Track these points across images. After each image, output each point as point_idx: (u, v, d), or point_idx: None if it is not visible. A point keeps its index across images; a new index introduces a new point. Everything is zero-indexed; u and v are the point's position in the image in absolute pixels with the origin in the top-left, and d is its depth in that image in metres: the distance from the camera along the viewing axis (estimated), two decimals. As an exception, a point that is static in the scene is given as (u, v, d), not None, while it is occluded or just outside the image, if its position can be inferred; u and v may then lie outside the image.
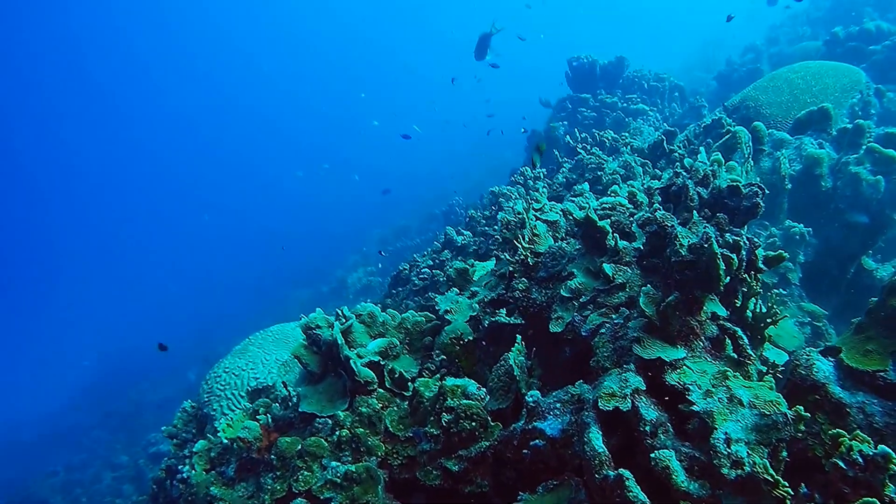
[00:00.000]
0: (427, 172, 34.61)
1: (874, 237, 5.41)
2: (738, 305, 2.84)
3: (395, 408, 3.42)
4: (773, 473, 1.98)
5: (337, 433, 3.22)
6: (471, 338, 3.77)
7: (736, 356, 2.59)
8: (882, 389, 2.74)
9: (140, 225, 54.92)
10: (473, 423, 2.95)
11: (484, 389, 3.16)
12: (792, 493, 1.97)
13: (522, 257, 3.58)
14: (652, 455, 2.15)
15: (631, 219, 3.63)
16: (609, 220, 3.45)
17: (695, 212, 2.84)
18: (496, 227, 8.19)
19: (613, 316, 2.94)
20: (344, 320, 3.73)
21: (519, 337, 3.28)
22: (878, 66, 10.64)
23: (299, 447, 3.25)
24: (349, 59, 63.32)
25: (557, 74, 15.65)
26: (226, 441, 3.52)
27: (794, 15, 21.51)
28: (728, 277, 2.50)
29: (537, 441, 2.73)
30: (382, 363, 3.53)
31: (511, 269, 3.64)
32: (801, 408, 2.15)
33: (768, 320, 2.89)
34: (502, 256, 3.92)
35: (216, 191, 57.92)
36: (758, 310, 2.88)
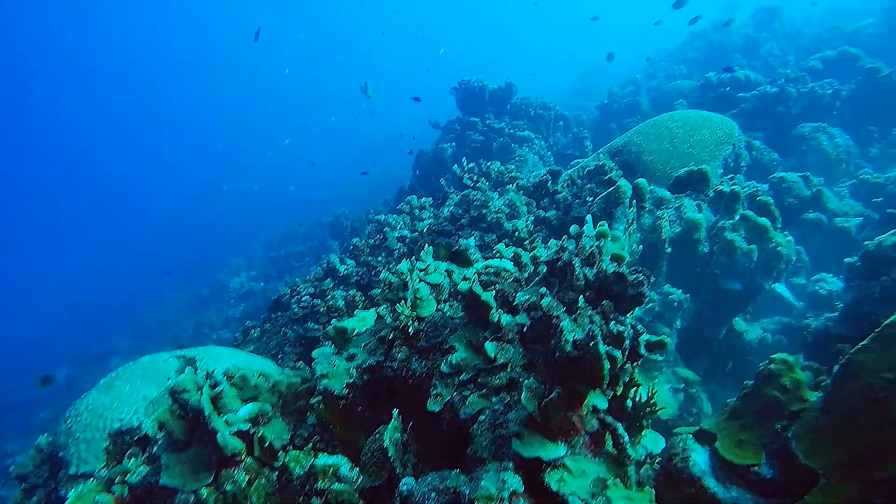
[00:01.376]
0: (321, 180, 34.15)
1: (745, 303, 5.78)
2: (618, 395, 2.88)
3: (264, 480, 3.21)
4: None
5: (197, 515, 2.98)
6: (346, 403, 3.64)
7: (615, 453, 2.61)
8: (756, 485, 2.85)
9: (14, 209, 51.55)
10: (344, 511, 2.82)
11: (357, 469, 3.03)
12: None
13: (403, 324, 3.48)
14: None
15: (516, 286, 3.63)
16: (493, 289, 3.43)
17: (581, 297, 2.85)
18: (380, 259, 8.10)
19: (494, 399, 2.90)
20: (214, 382, 3.48)
21: (396, 412, 3.18)
22: (746, 114, 11.53)
23: (153, 531, 2.98)
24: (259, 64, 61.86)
25: (449, 97, 15.82)
26: (72, 518, 3.18)
27: (671, 53, 23.12)
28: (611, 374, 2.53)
29: (410, 533, 2.64)
30: (252, 431, 3.32)
31: (392, 335, 3.54)
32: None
33: (647, 410, 2.95)
34: (383, 315, 3.82)
35: (104, 181, 55.06)
36: (637, 399, 2.94)
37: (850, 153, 9.91)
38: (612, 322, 2.79)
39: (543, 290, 2.88)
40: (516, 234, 6.68)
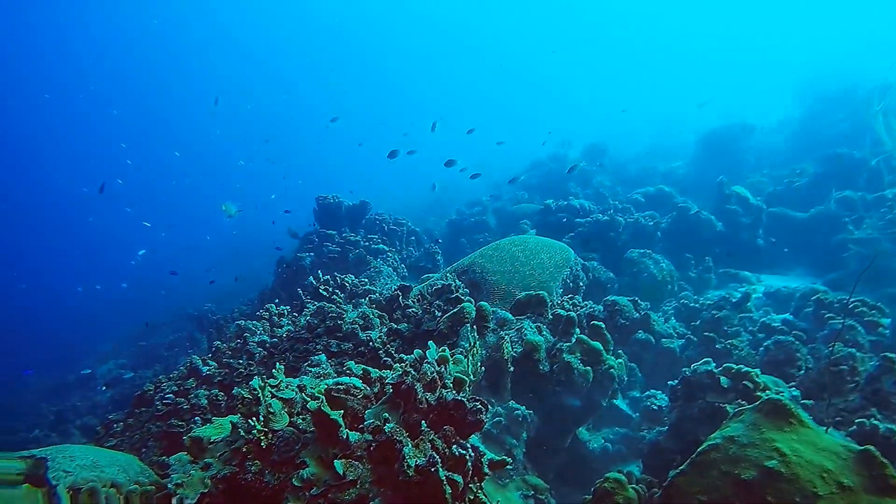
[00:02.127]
0: (186, 279, 33.31)
1: (585, 417, 6.40)
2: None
3: None
4: None
5: None
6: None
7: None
8: None
9: None
10: None
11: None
12: None
13: (255, 438, 3.72)
14: None
15: (366, 403, 3.99)
16: (343, 407, 3.76)
17: (423, 421, 3.25)
18: (241, 361, 8.21)
19: (341, 515, 3.19)
20: (56, 499, 3.50)
21: (249, 526, 3.38)
22: (583, 237, 13.07)
23: None
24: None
25: (307, 209, 16.76)
26: None
27: (514, 178, 25.65)
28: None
29: None
30: (95, 546, 3.37)
31: (245, 448, 3.76)
32: None
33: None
34: (238, 425, 4.02)
35: None
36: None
37: (673, 276, 11.53)
38: (454, 446, 3.20)
39: (387, 415, 3.26)
40: (370, 343, 7.08)
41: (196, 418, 7.65)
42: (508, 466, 3.60)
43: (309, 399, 3.57)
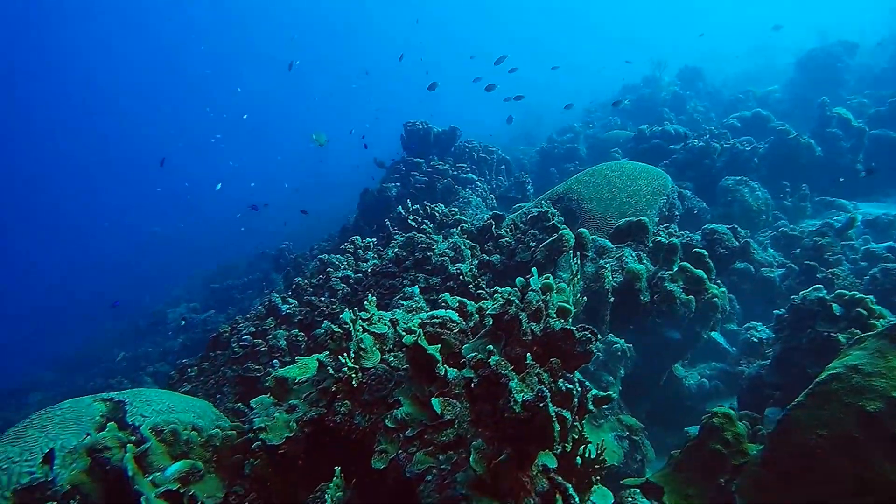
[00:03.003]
0: (263, 214, 33.69)
1: (684, 351, 5.90)
2: (567, 452, 2.85)
3: (194, 544, 3.04)
4: None
5: (119, 588, 2.78)
6: (285, 458, 3.50)
7: (566, 514, 2.57)
8: None
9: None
10: (282, 578, 2.67)
11: (296, 534, 2.89)
12: None
13: (346, 376, 3.38)
14: None
15: (463, 338, 3.59)
16: (440, 342, 3.38)
17: (528, 354, 2.83)
18: (323, 299, 7.94)
19: (441, 457, 2.83)
20: (140, 438, 3.29)
21: (338, 469, 3.07)
22: (677, 164, 12.09)
23: None
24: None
25: (394, 138, 15.98)
26: None
27: (605, 104, 24.28)
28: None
29: None
30: (182, 490, 3.14)
31: (334, 387, 3.44)
32: None
33: (596, 466, 2.93)
34: (326, 365, 3.71)
35: (36, 206, 53.15)
36: (587, 455, 2.93)
37: (768, 205, 10.59)
38: (561, 380, 2.78)
39: (490, 347, 2.85)
40: (461, 277, 6.68)
41: (274, 361, 7.45)
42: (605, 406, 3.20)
43: (404, 333, 3.19)
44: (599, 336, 2.90)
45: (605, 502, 3.25)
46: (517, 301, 3.24)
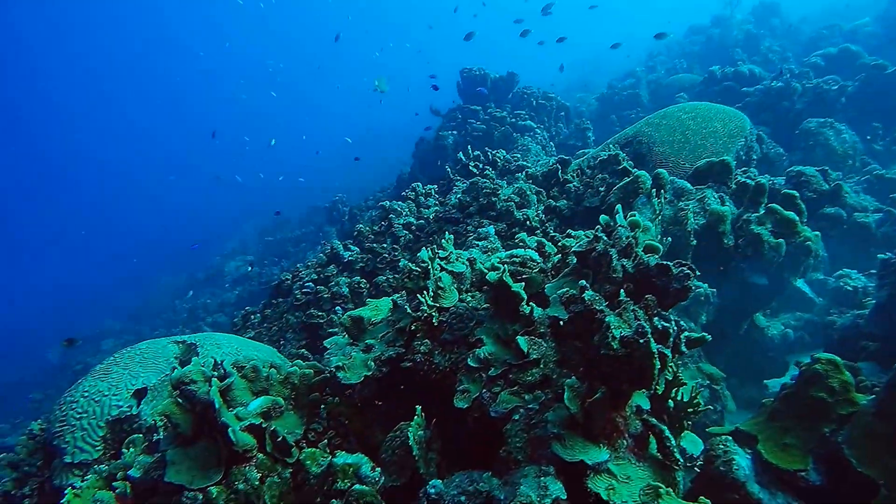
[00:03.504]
0: (314, 166, 33.79)
1: (770, 298, 5.57)
2: (659, 393, 2.69)
3: (277, 478, 3.00)
4: None
5: (207, 516, 2.79)
6: (363, 397, 3.46)
7: (661, 457, 2.42)
8: (803, 492, 2.68)
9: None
10: (367, 513, 2.62)
11: (379, 470, 2.82)
12: None
13: (426, 315, 3.28)
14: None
15: (543, 277, 3.44)
16: (522, 281, 3.23)
17: (622, 291, 2.66)
18: (385, 245, 7.88)
19: (527, 397, 2.71)
20: (223, 374, 3.27)
21: (419, 408, 2.99)
22: (751, 108, 11.34)
23: (160, 532, 2.79)
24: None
25: (450, 86, 15.55)
26: (70, 515, 2.98)
27: (669, 45, 22.81)
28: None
29: (439, 539, 2.46)
30: (264, 425, 3.12)
31: (413, 326, 3.34)
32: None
33: (689, 410, 2.77)
34: (401, 303, 3.62)
35: (95, 167, 55.11)
36: (679, 399, 2.76)
37: (856, 149, 9.74)
38: (656, 318, 2.61)
39: (583, 282, 2.68)
40: (527, 223, 6.49)
41: (337, 307, 7.47)
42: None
43: (487, 270, 3.05)
44: (697, 273, 2.69)
45: (694, 448, 3.10)
46: (604, 237, 3.06)
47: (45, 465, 5.34)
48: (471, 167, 9.07)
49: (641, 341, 2.26)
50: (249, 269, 19.38)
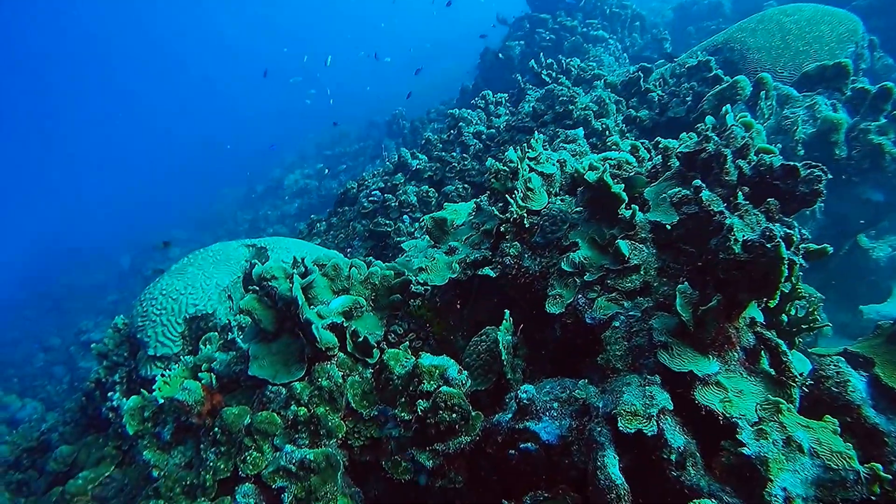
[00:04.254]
0: (370, 78, 33.24)
1: (883, 216, 5.14)
2: (772, 307, 2.48)
3: (358, 377, 2.97)
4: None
5: (293, 409, 2.77)
6: (446, 300, 3.36)
7: (774, 373, 2.24)
8: None
9: (71, 113, 53.32)
10: (454, 415, 2.53)
11: (465, 373, 2.74)
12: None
13: (516, 216, 3.10)
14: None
15: (646, 180, 3.20)
16: (622, 182, 3.01)
17: (739, 194, 2.42)
18: (454, 154, 7.67)
19: (626, 304, 2.55)
20: (304, 271, 3.21)
21: (507, 312, 2.87)
22: (859, 12, 10.25)
23: (248, 421, 2.79)
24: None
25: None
26: (161, 400, 3.02)
27: None
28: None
29: (529, 444, 2.37)
30: (345, 325, 3.06)
31: (501, 228, 3.18)
32: (880, 466, 1.81)
33: (804, 326, 2.56)
34: (487, 208, 3.45)
35: (154, 85, 56.14)
36: (794, 314, 2.55)
37: None
38: (778, 224, 2.37)
39: (698, 182, 2.44)
40: (606, 133, 6.16)
41: (405, 216, 7.37)
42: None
43: (586, 170, 2.82)
44: (829, 175, 2.41)
45: (802, 367, 2.90)
46: (715, 137, 2.78)
47: (131, 356, 5.57)
48: (543, 76, 8.63)
49: (770, 245, 2.04)
50: (327, 171, 19.40)
